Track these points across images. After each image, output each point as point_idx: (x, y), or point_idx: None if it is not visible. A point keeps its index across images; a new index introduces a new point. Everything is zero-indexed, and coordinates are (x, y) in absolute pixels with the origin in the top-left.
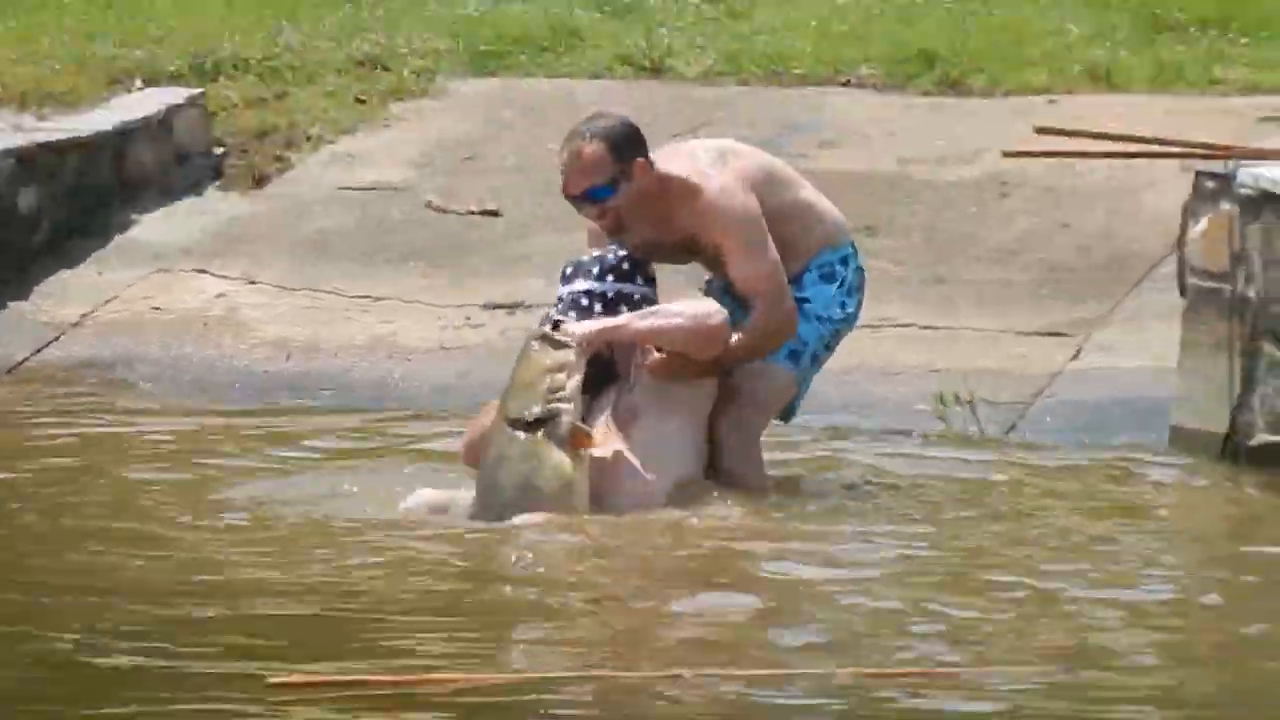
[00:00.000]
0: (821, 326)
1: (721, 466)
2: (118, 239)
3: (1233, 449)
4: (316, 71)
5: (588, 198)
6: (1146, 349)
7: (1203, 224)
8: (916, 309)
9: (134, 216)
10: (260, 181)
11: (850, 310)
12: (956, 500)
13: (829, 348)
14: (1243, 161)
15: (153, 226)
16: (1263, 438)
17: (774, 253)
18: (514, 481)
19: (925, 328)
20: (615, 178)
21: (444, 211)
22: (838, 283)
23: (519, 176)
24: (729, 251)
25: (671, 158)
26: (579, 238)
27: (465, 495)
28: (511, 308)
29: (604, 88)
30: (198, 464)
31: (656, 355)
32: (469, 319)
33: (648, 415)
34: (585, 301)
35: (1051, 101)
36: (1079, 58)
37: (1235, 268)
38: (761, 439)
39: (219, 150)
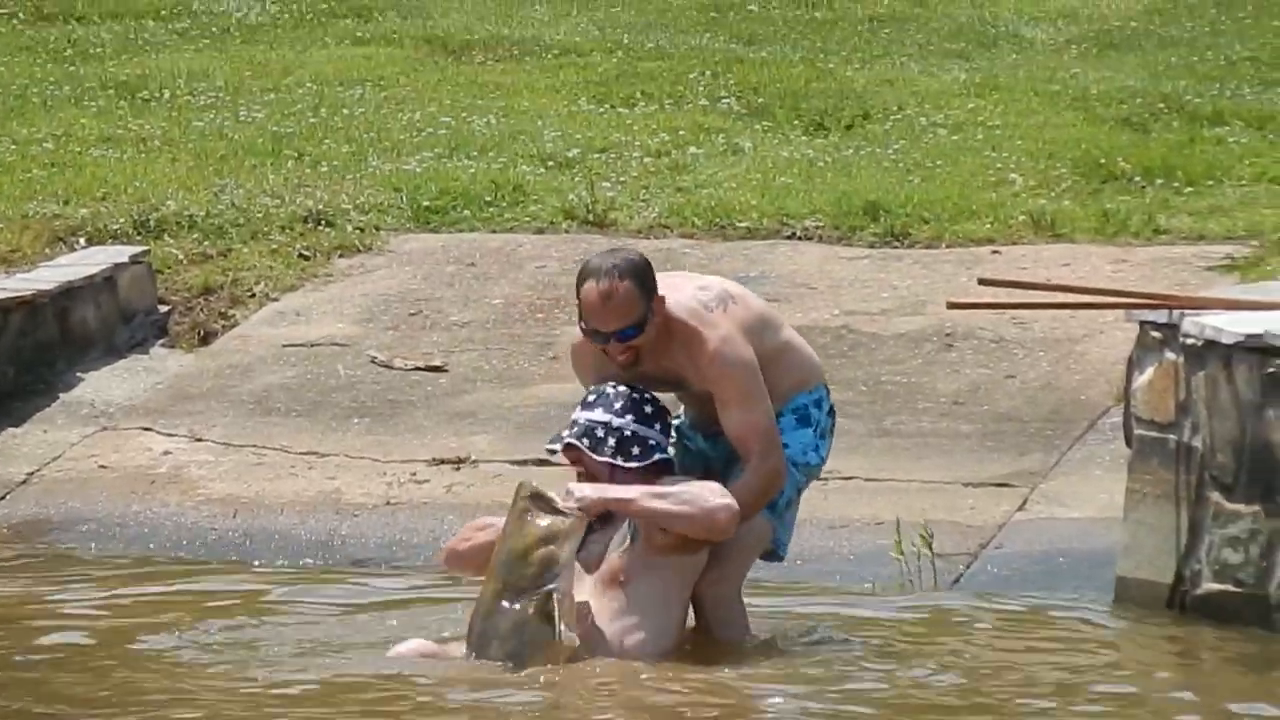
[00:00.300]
0: (797, 473)
1: (703, 620)
2: (63, 397)
3: (1179, 599)
4: (260, 228)
5: (619, 336)
6: (1093, 499)
7: (1148, 374)
8: (863, 461)
9: (79, 374)
10: (205, 339)
11: (823, 454)
12: (911, 653)
13: (800, 491)
14: (1187, 311)
15: (98, 384)
16: (1209, 587)
17: (769, 405)
18: (504, 651)
19: (870, 480)
20: (645, 316)
21: (388, 367)
22: (812, 426)
23: (463, 331)
24: (726, 401)
25: (673, 292)
26: (525, 393)
27: (455, 648)
28: (457, 463)
29: (547, 242)
30: (161, 625)
31: (659, 533)
32: (414, 475)
33: (637, 582)
34: (600, 433)
35: (996, 252)
36: (1023, 208)
37: (1181, 417)
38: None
39: (164, 308)
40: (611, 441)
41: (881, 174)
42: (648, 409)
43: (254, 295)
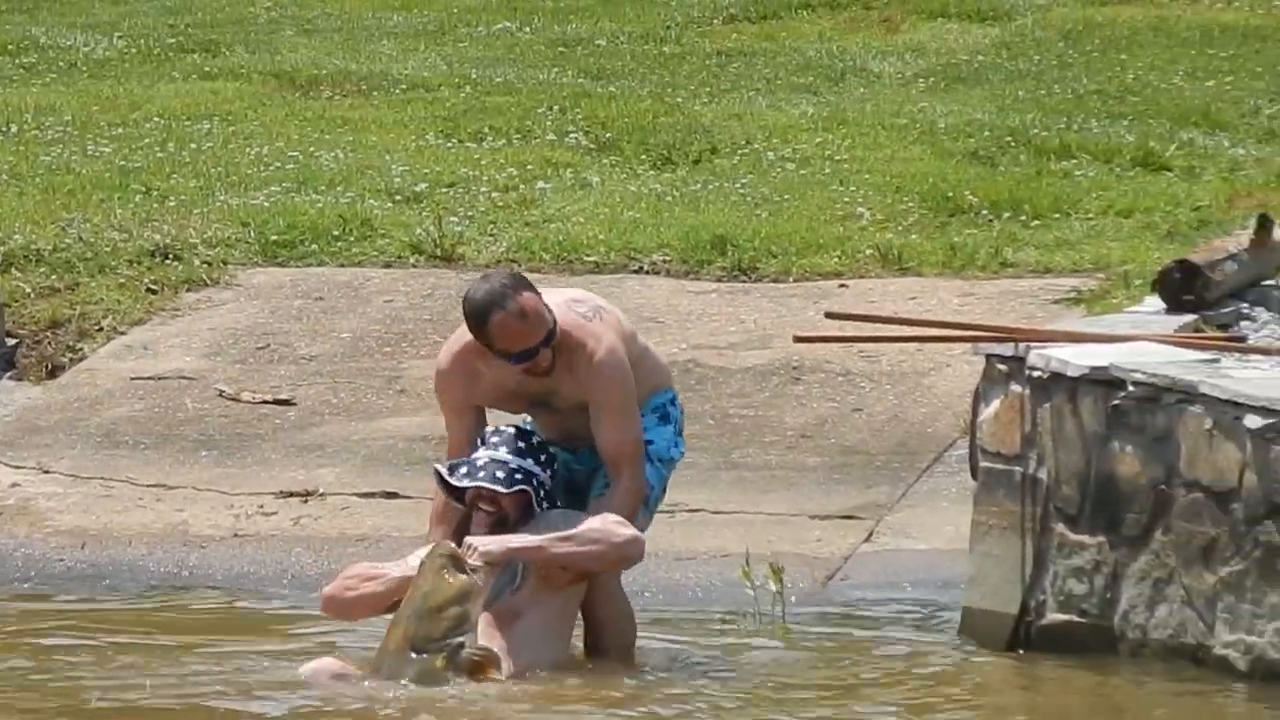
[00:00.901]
0: (663, 468)
1: (594, 622)
2: None
3: (1025, 629)
4: (108, 262)
5: (531, 353)
6: (939, 531)
7: (994, 406)
8: (710, 494)
9: None
10: (53, 372)
11: (681, 450)
12: (769, 684)
13: (664, 490)
14: (1033, 344)
15: None
16: (1054, 617)
17: (639, 419)
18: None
19: (717, 512)
20: (551, 328)
21: (236, 400)
22: (672, 424)
23: (311, 365)
24: (604, 412)
25: (552, 304)
26: (372, 426)
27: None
28: (305, 496)
29: (395, 276)
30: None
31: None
32: (262, 507)
33: (530, 617)
34: (501, 474)
35: (843, 286)
36: (870, 241)
37: (1026, 449)
38: None
39: (11, 341)
40: (517, 477)
41: (729, 208)
42: (534, 442)
43: (102, 329)
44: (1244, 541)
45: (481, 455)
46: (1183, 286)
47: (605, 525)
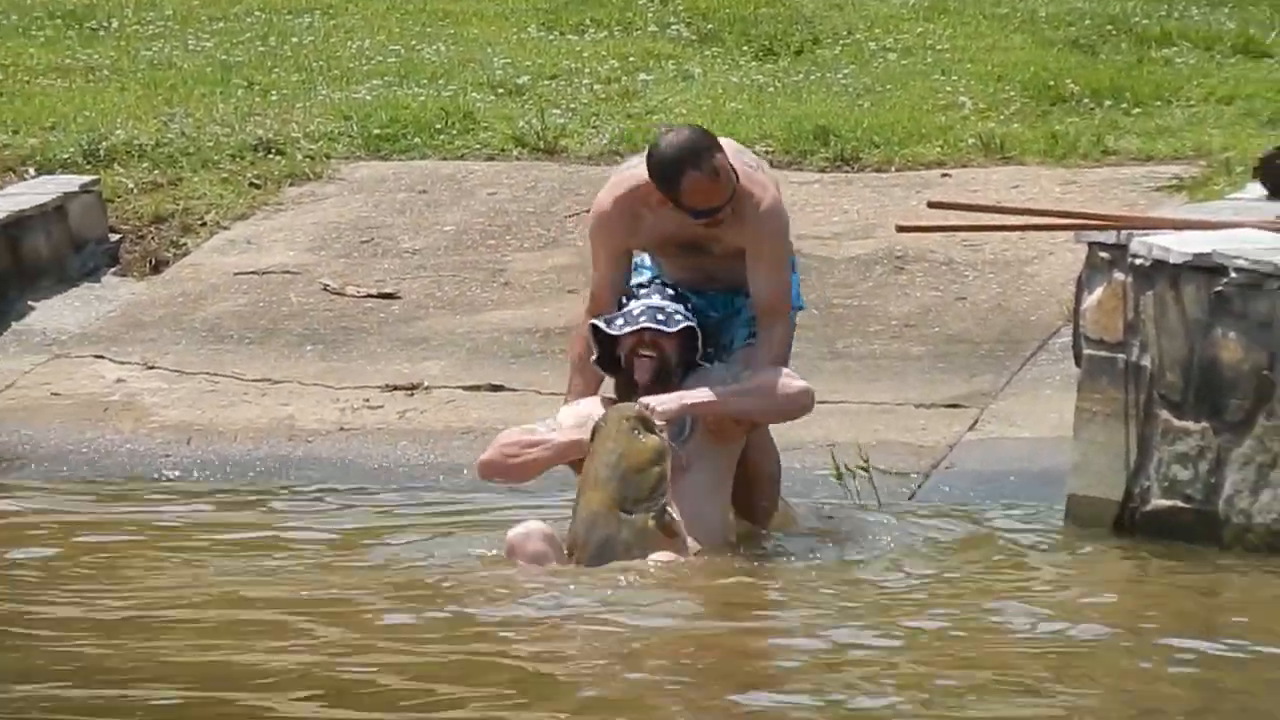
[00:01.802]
0: (794, 316)
1: (749, 470)
2: (15, 326)
3: (1129, 515)
4: (210, 157)
5: (715, 210)
6: (1043, 419)
7: (1097, 294)
8: (816, 383)
9: (30, 304)
10: (157, 267)
11: (803, 303)
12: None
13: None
14: (1135, 231)
15: (49, 313)
16: (1159, 503)
17: (790, 273)
18: (630, 558)
19: (822, 402)
20: (734, 186)
21: (340, 294)
22: (796, 272)
23: (415, 259)
24: (762, 261)
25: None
26: (476, 319)
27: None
28: (410, 389)
29: (498, 169)
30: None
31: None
32: (368, 401)
33: (697, 470)
34: (661, 316)
35: (945, 175)
36: (972, 131)
37: (1129, 337)
38: None
39: (115, 237)
40: (679, 317)
41: (831, 99)
42: (680, 292)
43: (205, 224)
44: None
45: (635, 305)
46: None
47: (778, 377)
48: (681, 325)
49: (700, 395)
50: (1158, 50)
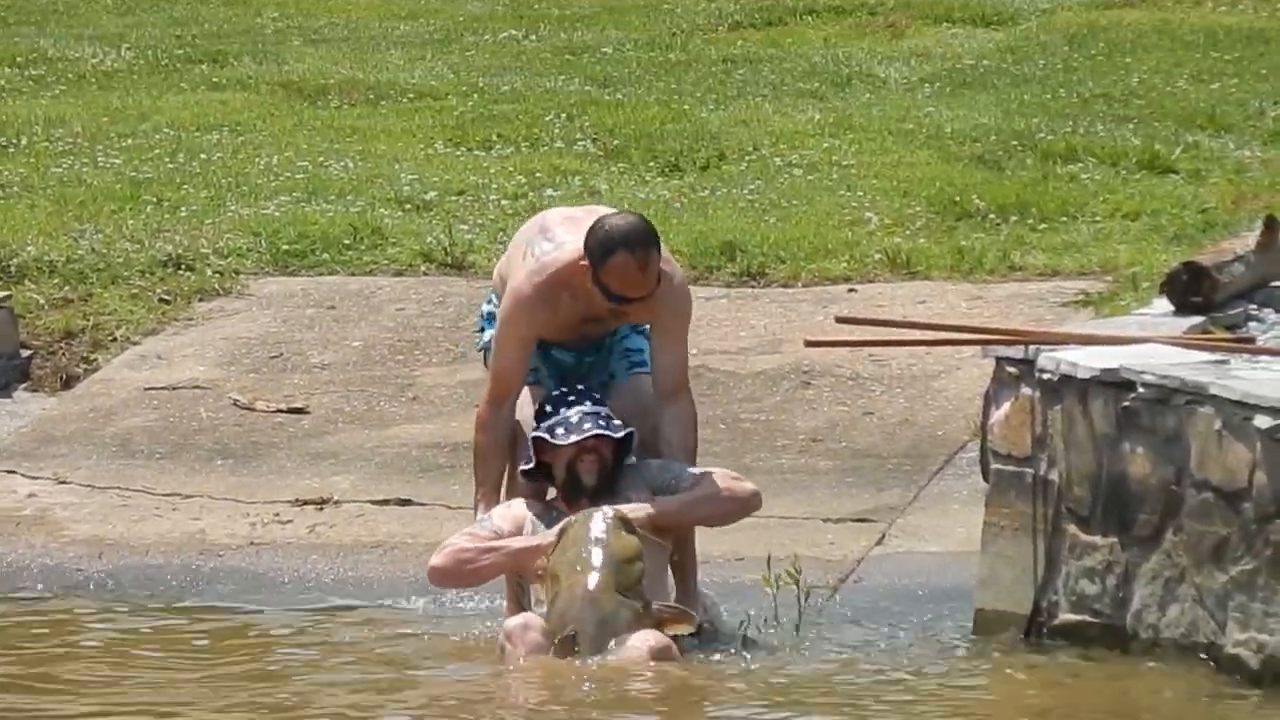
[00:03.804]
0: None
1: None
2: None
3: (1037, 629)
4: (120, 273)
5: (627, 301)
6: (951, 533)
7: (1004, 409)
8: None
9: None
10: (68, 382)
11: None
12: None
13: None
14: (1042, 346)
15: None
16: (1067, 617)
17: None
18: (628, 633)
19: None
20: (654, 287)
21: (250, 409)
22: None
23: (324, 374)
24: (670, 336)
25: None
26: (385, 434)
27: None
28: (320, 504)
29: (406, 284)
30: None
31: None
32: (278, 515)
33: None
34: (602, 421)
35: (852, 290)
36: (879, 246)
37: (1037, 451)
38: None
39: (26, 352)
40: (617, 422)
41: (738, 214)
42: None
43: (115, 339)
44: (1255, 541)
45: (573, 413)
46: (1190, 288)
47: (719, 481)
48: (626, 431)
49: (665, 505)
50: (1063, 166)
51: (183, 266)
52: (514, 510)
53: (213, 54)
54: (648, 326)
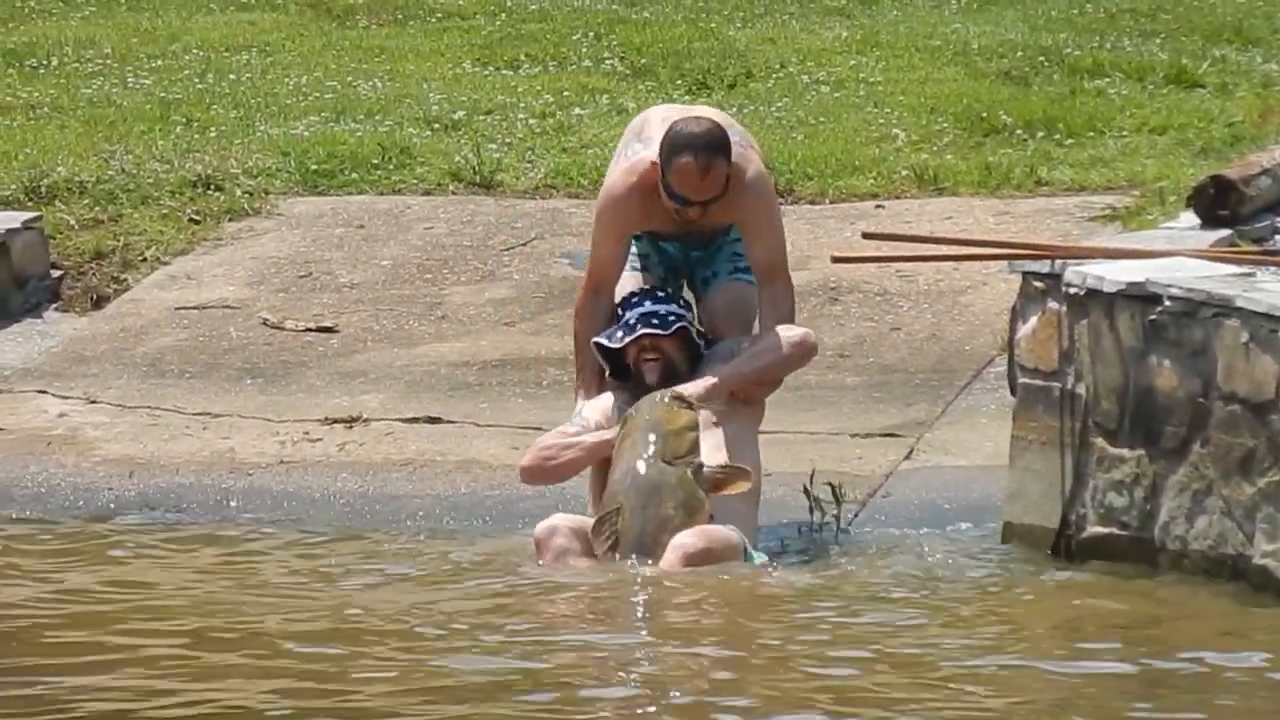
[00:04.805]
0: None
1: None
2: None
3: (1065, 543)
4: (150, 193)
5: (689, 203)
6: (979, 448)
7: (1031, 323)
8: None
9: None
10: (98, 303)
11: None
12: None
13: None
14: (1069, 261)
15: None
16: (1094, 530)
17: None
18: (677, 500)
19: (759, 432)
20: (727, 181)
21: (279, 329)
22: None
23: (353, 293)
24: (761, 232)
25: None
26: (414, 352)
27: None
28: (349, 422)
29: (435, 204)
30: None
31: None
32: (307, 434)
33: (731, 424)
34: (656, 320)
35: (880, 206)
36: (906, 162)
37: (1064, 365)
38: None
39: (57, 272)
40: (672, 318)
41: (765, 132)
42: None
43: (145, 259)
44: None
45: (630, 315)
46: (1217, 202)
47: (778, 335)
48: (676, 326)
49: (721, 372)
50: (1090, 81)
51: (212, 187)
52: (603, 401)
53: None
54: None
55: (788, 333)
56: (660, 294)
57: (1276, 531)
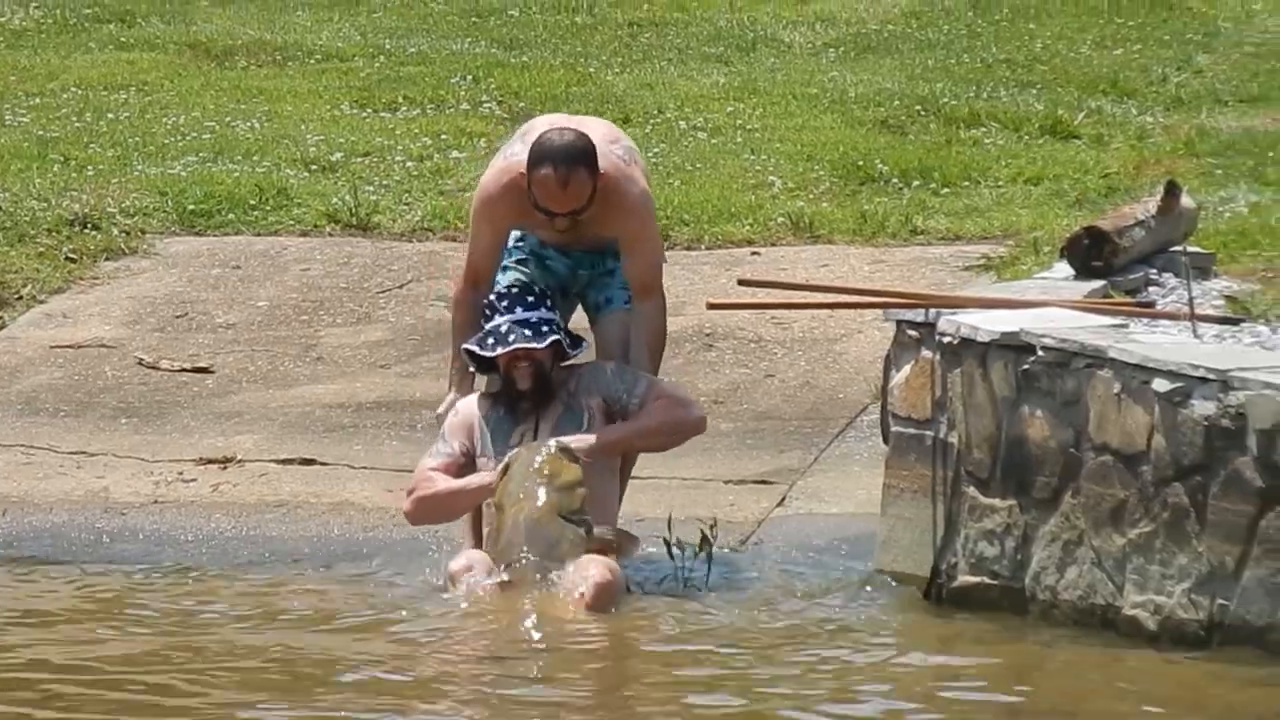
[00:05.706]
0: None
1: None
2: None
3: (936, 591)
4: (26, 231)
5: (573, 214)
6: (851, 495)
7: (905, 371)
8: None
9: None
10: None
11: None
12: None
13: None
14: (943, 310)
15: None
16: (965, 579)
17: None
18: (573, 557)
19: (632, 478)
20: (592, 195)
21: (155, 368)
22: None
23: (229, 333)
24: (637, 247)
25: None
26: (290, 393)
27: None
28: (224, 463)
29: (312, 245)
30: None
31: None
32: (181, 474)
33: (596, 475)
34: (528, 331)
35: (755, 253)
36: (782, 209)
37: (937, 414)
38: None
39: None
40: (545, 328)
41: None
42: (537, 291)
43: (21, 297)
44: (1152, 503)
45: (501, 322)
46: (1091, 253)
47: (674, 412)
48: (549, 340)
49: (609, 434)
50: (966, 131)
51: (89, 225)
52: (463, 416)
53: (121, 14)
54: None
55: (681, 414)
56: (530, 297)
57: (1146, 582)
